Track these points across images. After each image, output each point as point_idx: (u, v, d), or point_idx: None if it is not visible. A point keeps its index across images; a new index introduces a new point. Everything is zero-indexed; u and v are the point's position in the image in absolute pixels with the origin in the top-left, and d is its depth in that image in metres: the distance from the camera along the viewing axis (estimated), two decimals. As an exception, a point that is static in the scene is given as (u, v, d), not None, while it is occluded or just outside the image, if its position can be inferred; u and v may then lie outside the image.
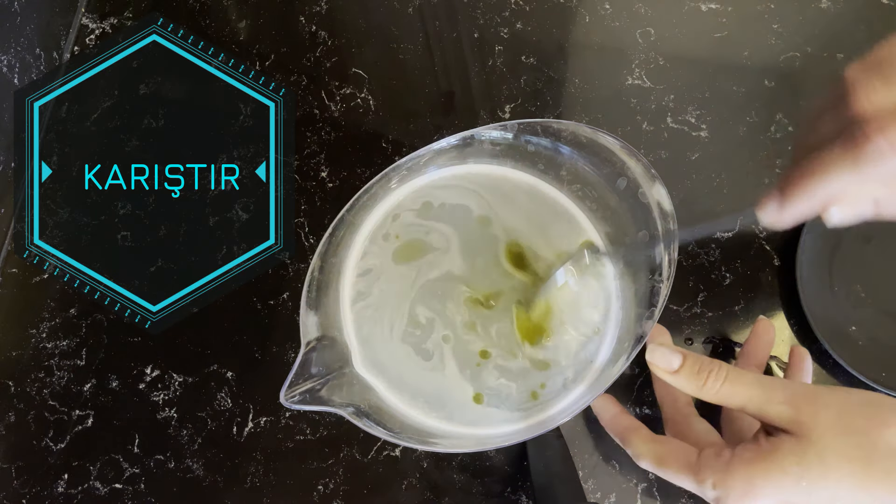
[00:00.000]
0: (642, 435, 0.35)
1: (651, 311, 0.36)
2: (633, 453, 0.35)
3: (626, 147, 0.36)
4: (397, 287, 0.40)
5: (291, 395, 0.31)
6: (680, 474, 0.32)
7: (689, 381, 0.31)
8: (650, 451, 0.34)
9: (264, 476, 0.43)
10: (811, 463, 0.28)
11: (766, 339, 0.41)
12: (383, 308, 0.39)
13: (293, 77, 0.50)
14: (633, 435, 0.36)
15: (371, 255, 0.40)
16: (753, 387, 0.30)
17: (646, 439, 0.35)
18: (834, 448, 0.28)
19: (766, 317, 0.44)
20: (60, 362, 0.45)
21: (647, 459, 0.34)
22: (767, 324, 0.41)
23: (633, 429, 0.36)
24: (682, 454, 0.33)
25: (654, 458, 0.34)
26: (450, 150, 0.40)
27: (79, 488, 0.43)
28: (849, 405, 0.29)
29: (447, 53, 0.51)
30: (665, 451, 0.33)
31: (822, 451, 0.28)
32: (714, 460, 0.31)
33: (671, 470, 0.33)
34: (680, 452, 0.33)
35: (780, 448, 0.29)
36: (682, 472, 0.32)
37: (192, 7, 0.52)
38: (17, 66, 0.47)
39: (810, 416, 0.29)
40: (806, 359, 0.40)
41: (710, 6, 0.51)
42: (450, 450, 0.40)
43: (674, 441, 0.35)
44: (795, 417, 0.29)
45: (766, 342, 0.41)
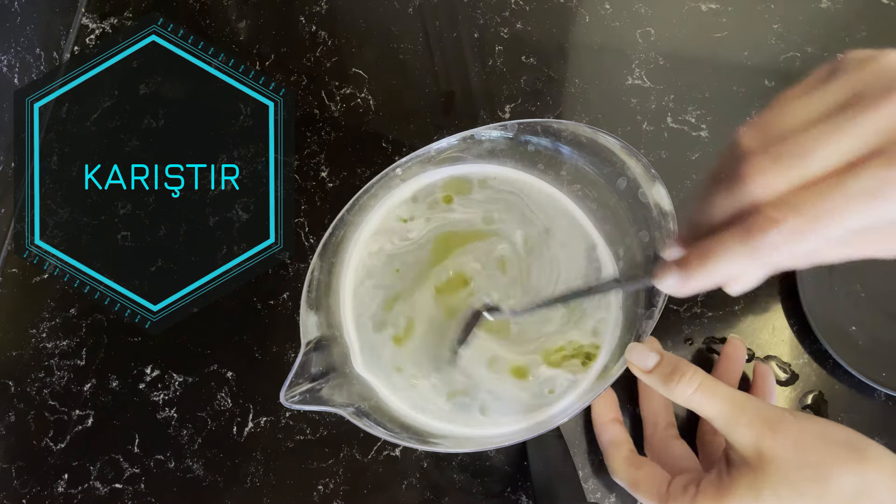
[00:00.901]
0: (622, 453, 0.37)
1: (651, 311, 0.36)
2: (610, 468, 0.38)
3: (626, 147, 0.36)
4: (398, 287, 0.40)
5: (291, 395, 0.31)
6: (650, 498, 0.34)
7: (660, 382, 0.32)
8: (625, 473, 0.36)
9: (264, 476, 0.43)
10: (767, 499, 0.29)
11: (737, 358, 0.42)
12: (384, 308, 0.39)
13: (293, 77, 0.50)
14: (614, 451, 0.38)
15: (372, 254, 0.40)
16: (724, 402, 0.31)
17: (623, 461, 0.37)
18: (789, 481, 0.29)
19: (762, 322, 0.44)
20: (60, 362, 0.45)
21: (621, 480, 0.37)
22: (738, 344, 0.42)
23: (617, 444, 0.38)
24: (655, 483, 0.34)
25: (628, 481, 0.36)
26: (450, 150, 0.40)
27: (79, 488, 0.43)
28: (807, 437, 0.29)
29: (447, 53, 0.51)
30: (639, 476, 0.35)
31: (777, 486, 0.29)
32: (681, 495, 0.32)
33: (642, 496, 0.35)
34: (652, 480, 0.35)
35: (738, 483, 0.30)
36: (653, 500, 0.34)
37: (192, 7, 0.52)
38: (17, 66, 0.47)
39: (770, 447, 0.29)
40: (768, 377, 0.41)
41: (710, 6, 0.51)
42: (450, 450, 0.40)
43: (649, 466, 0.36)
44: (756, 445, 0.30)
45: (736, 362, 0.42)
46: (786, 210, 0.21)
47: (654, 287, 0.37)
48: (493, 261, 0.40)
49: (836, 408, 0.43)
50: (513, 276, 0.40)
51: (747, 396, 0.31)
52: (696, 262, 0.24)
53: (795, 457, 0.29)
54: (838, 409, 0.43)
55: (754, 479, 0.30)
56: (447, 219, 0.41)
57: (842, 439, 0.30)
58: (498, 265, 0.40)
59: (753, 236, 0.22)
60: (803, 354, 0.44)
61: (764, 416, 0.30)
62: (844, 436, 0.30)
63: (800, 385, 0.44)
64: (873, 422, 0.43)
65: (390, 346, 0.39)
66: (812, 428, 0.30)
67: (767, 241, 0.22)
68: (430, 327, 0.39)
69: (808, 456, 0.29)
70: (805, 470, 0.29)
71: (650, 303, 0.37)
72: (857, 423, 0.43)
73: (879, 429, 0.42)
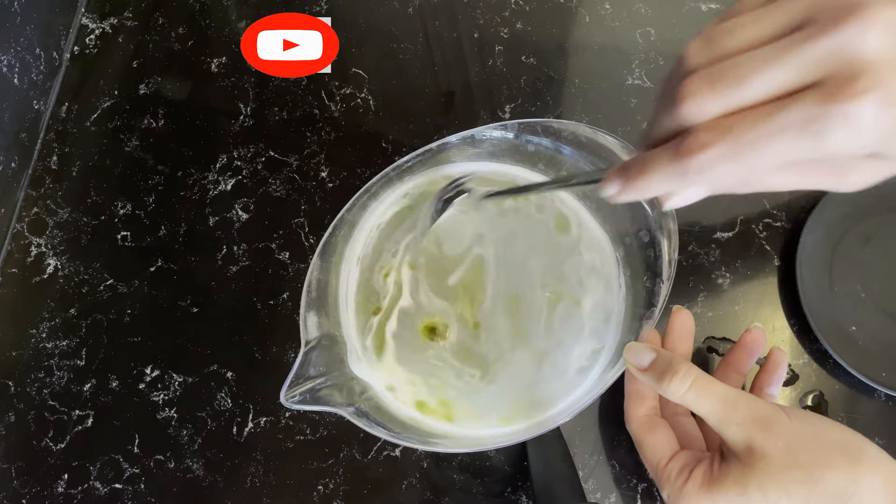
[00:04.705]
0: (642, 409, 0.37)
1: (651, 311, 0.36)
2: (626, 417, 0.38)
3: (627, 147, 0.36)
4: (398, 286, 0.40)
5: (291, 395, 0.31)
6: (648, 468, 0.35)
7: (654, 380, 0.32)
8: (636, 431, 0.36)
9: (264, 476, 0.43)
10: (752, 495, 0.29)
11: (753, 350, 0.39)
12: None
13: (293, 77, 0.50)
14: (635, 403, 0.37)
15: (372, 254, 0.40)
16: (716, 401, 0.31)
17: (639, 418, 0.37)
18: (777, 481, 0.29)
19: (762, 321, 0.44)
20: (60, 362, 0.45)
21: (631, 434, 0.37)
22: (760, 334, 0.39)
23: (640, 397, 0.37)
24: (657, 453, 0.35)
25: (635, 440, 0.37)
26: (449, 150, 0.40)
27: (79, 488, 0.43)
28: (800, 438, 0.29)
29: (447, 53, 0.51)
30: (646, 441, 0.36)
31: (764, 484, 0.29)
32: (675, 477, 0.33)
33: (643, 460, 0.36)
34: (655, 451, 0.35)
35: (727, 477, 0.30)
36: (650, 468, 0.35)
37: (192, 7, 0.52)
38: (17, 66, 0.47)
39: (760, 445, 0.29)
40: (780, 367, 0.39)
41: (710, 6, 0.51)
42: (450, 450, 0.40)
43: (660, 432, 0.36)
44: (747, 443, 0.30)
45: (751, 353, 0.39)
46: (715, 134, 0.21)
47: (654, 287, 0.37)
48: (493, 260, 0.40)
49: (836, 408, 0.43)
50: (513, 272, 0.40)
51: (741, 394, 0.31)
52: (634, 173, 0.24)
53: (786, 457, 0.29)
54: (838, 409, 0.43)
55: (742, 475, 0.30)
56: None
57: (837, 441, 0.30)
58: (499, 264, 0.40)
59: (682, 157, 0.22)
60: (803, 354, 0.44)
61: (757, 415, 0.30)
62: (840, 437, 0.30)
63: (800, 385, 0.44)
64: (873, 422, 0.43)
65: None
66: (807, 429, 0.30)
67: (695, 163, 0.21)
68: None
69: (799, 457, 0.29)
70: (795, 471, 0.29)
71: (650, 303, 0.37)
72: (857, 423, 0.43)
73: (879, 429, 0.42)
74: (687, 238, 0.46)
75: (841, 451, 0.29)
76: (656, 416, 0.37)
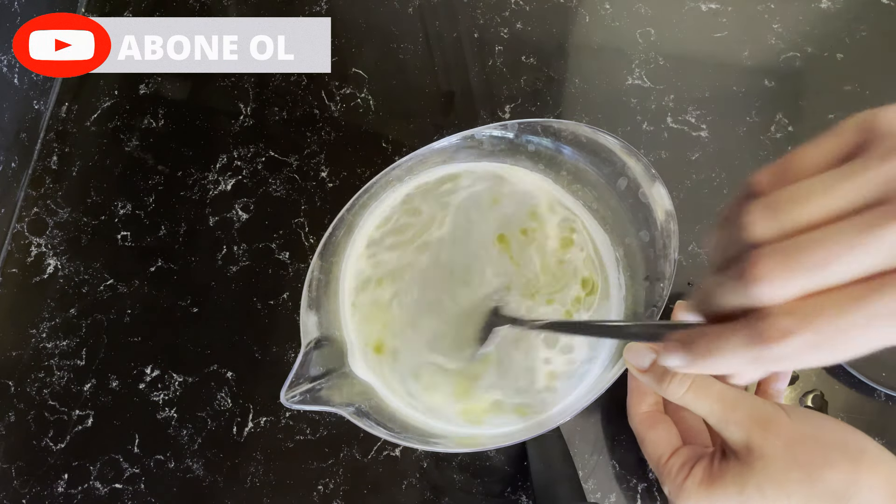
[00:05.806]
0: (643, 406, 0.37)
1: (651, 311, 0.36)
2: (628, 413, 0.38)
3: (626, 147, 0.36)
4: (398, 286, 0.40)
5: (291, 395, 0.31)
6: (650, 463, 0.35)
7: (654, 381, 0.32)
8: (637, 427, 0.37)
9: (264, 476, 0.43)
10: (751, 494, 0.29)
11: None
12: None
13: (293, 77, 0.50)
14: (638, 399, 0.37)
15: (372, 253, 0.40)
16: (715, 401, 0.31)
17: (641, 414, 0.37)
18: (776, 480, 0.29)
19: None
20: (60, 362, 0.45)
21: (633, 429, 0.37)
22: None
23: (642, 394, 0.37)
24: (659, 449, 0.35)
25: (637, 436, 0.37)
26: (450, 150, 0.40)
27: (79, 488, 0.43)
28: (799, 438, 0.29)
29: (447, 53, 0.51)
30: (647, 437, 0.36)
31: (762, 483, 0.29)
32: (676, 473, 0.33)
33: (645, 455, 0.36)
34: (657, 446, 0.35)
35: (726, 474, 0.30)
36: (652, 464, 0.35)
37: (192, 7, 0.52)
38: (17, 66, 0.47)
39: (759, 445, 0.29)
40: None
41: (710, 6, 0.51)
42: (450, 450, 0.40)
43: (662, 428, 0.36)
44: (746, 442, 0.30)
45: None
46: (797, 321, 0.19)
47: (654, 287, 0.37)
48: (492, 258, 0.40)
49: (836, 408, 0.43)
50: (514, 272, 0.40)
51: (741, 394, 0.31)
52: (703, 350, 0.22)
53: (785, 457, 0.29)
54: (838, 409, 0.43)
55: (740, 474, 0.30)
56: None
57: (837, 441, 0.30)
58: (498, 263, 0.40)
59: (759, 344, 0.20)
60: (803, 354, 0.44)
61: (756, 415, 0.30)
62: (841, 437, 0.30)
63: (800, 385, 0.44)
64: (873, 422, 0.43)
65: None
66: (807, 429, 0.30)
67: (776, 352, 0.20)
68: (430, 325, 0.39)
69: (798, 457, 0.29)
70: (794, 471, 0.29)
71: (650, 303, 0.37)
72: (857, 423, 0.43)
73: (879, 429, 0.42)
74: (687, 238, 0.46)
75: (841, 451, 0.29)
76: (658, 411, 0.37)
